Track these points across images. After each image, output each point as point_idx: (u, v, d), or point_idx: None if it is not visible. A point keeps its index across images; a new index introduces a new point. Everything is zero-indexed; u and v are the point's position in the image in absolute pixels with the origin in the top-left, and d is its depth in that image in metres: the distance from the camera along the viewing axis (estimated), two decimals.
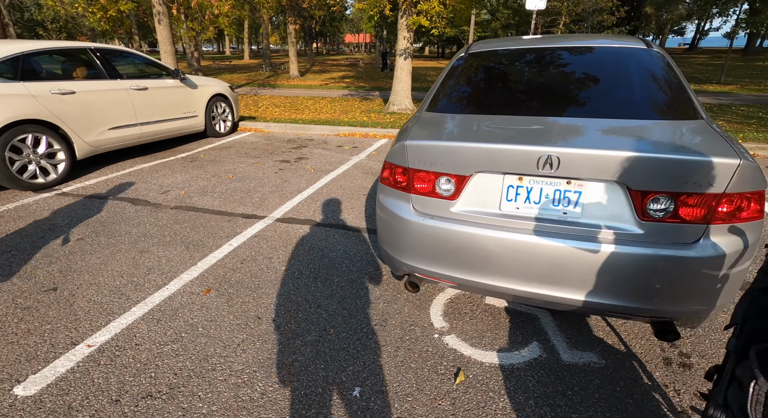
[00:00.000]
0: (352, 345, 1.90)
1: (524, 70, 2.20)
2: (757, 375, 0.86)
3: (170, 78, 5.50)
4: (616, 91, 1.91)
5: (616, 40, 2.18)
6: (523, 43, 2.35)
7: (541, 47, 2.27)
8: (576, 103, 1.88)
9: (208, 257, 2.71)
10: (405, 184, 1.77)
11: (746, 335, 0.96)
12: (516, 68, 2.24)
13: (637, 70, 1.94)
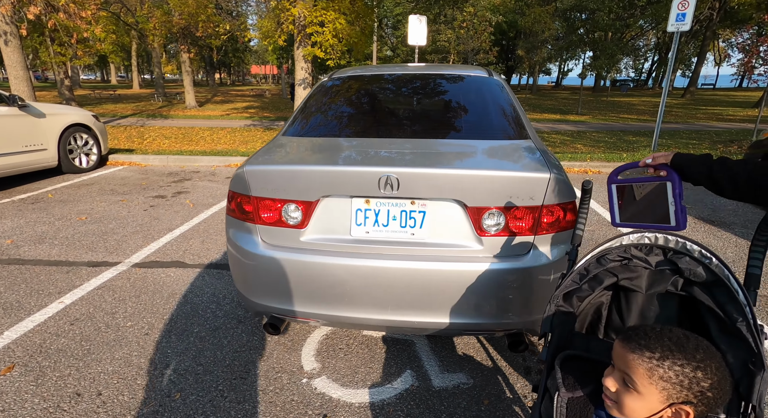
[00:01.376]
0: (200, 409, 1.59)
1: (377, 94, 2.23)
2: (559, 386, 0.85)
3: (3, 105, 4.60)
4: (457, 113, 2.01)
5: (463, 69, 2.35)
6: (384, 70, 2.40)
7: (398, 74, 2.34)
8: (420, 125, 1.93)
9: (23, 322, 2.14)
10: (251, 214, 1.59)
11: (554, 344, 0.95)
12: (370, 93, 2.27)
13: (476, 96, 2.08)
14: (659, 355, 0.68)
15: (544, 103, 22.38)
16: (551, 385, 0.88)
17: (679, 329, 0.74)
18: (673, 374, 0.68)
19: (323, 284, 1.51)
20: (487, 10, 21.46)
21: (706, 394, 0.67)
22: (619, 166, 1.07)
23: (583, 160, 5.88)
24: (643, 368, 0.69)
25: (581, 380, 0.87)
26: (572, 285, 0.97)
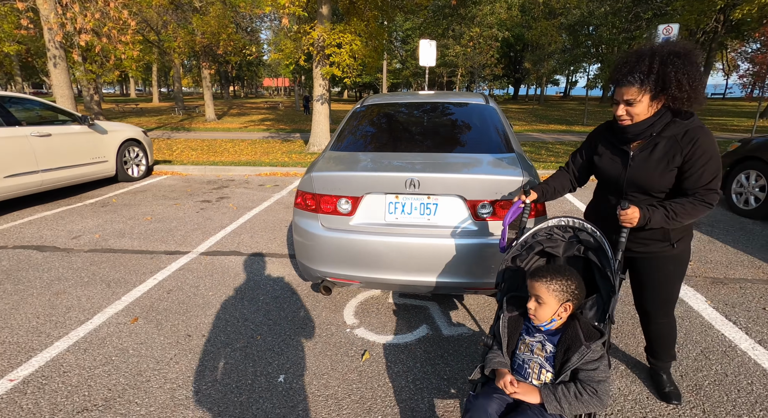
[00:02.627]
0: (276, 346, 2.24)
1: (398, 118, 2.91)
2: (504, 311, 1.46)
3: (77, 124, 5.41)
4: (460, 133, 2.68)
5: (465, 98, 3.02)
6: (402, 98, 3.09)
7: (414, 102, 3.03)
8: (432, 141, 2.59)
9: (132, 291, 2.83)
10: (314, 206, 2.26)
11: (505, 290, 1.57)
12: (396, 116, 2.95)
13: (475, 119, 2.74)
14: (549, 278, 1.28)
15: (551, 114, 22.90)
16: (500, 313, 1.49)
17: (557, 265, 1.36)
18: (558, 286, 1.26)
19: (365, 254, 2.16)
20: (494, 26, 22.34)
21: (575, 292, 1.29)
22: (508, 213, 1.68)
23: None
24: (543, 288, 1.28)
25: (516, 307, 1.43)
26: (516, 252, 1.54)
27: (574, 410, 1.18)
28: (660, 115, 1.44)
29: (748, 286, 2.84)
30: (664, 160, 1.44)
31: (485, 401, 1.28)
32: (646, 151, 1.49)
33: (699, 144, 1.40)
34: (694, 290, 2.79)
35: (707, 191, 1.41)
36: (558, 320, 1.29)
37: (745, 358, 2.08)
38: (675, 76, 1.33)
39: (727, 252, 3.43)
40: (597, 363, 1.22)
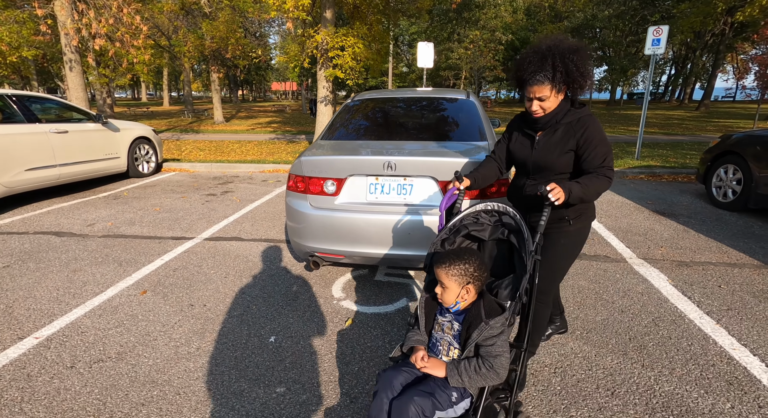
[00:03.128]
0: (269, 314, 2.49)
1: (384, 110, 3.17)
2: (423, 293, 1.63)
3: (92, 122, 5.75)
4: (439, 124, 2.92)
5: (447, 93, 3.26)
6: (391, 93, 3.35)
7: (400, 97, 3.28)
8: (413, 131, 2.84)
9: (142, 270, 3.11)
10: (303, 188, 2.52)
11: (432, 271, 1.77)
12: (379, 110, 3.21)
13: (454, 112, 2.98)
14: (448, 264, 1.33)
15: None
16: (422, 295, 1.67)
17: (459, 248, 1.44)
18: (456, 271, 1.32)
19: (348, 231, 2.40)
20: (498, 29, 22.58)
21: (474, 274, 1.34)
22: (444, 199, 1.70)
23: None
24: (443, 273, 1.33)
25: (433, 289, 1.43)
26: (445, 235, 1.60)
27: (473, 383, 1.27)
28: (562, 105, 1.61)
29: (710, 268, 3.03)
30: (560, 143, 1.62)
31: (393, 374, 1.36)
32: (547, 136, 1.66)
33: (589, 130, 1.57)
34: (659, 271, 2.99)
35: (604, 168, 1.56)
36: (462, 301, 1.36)
37: (690, 325, 2.29)
38: (577, 70, 1.50)
39: (698, 240, 3.62)
40: (495, 339, 1.28)
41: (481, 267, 1.36)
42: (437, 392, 1.27)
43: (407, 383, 1.33)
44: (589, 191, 1.52)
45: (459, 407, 1.30)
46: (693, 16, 19.37)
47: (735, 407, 1.70)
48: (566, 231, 1.71)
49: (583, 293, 2.69)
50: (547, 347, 2.12)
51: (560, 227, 1.71)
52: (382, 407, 1.27)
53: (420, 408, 1.22)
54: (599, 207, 4.68)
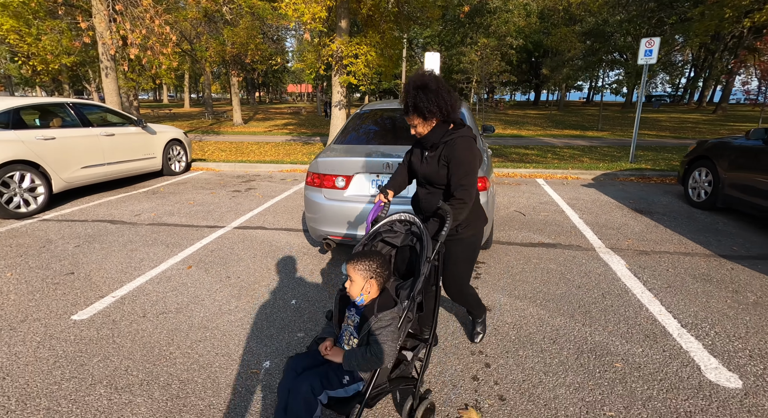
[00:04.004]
0: (291, 284, 3.10)
1: (387, 119, 3.75)
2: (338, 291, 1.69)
3: (133, 126, 6.51)
4: None
5: None
6: (390, 105, 3.93)
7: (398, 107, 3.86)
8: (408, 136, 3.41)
9: (185, 250, 3.77)
10: (319, 183, 3.12)
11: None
12: (384, 118, 3.80)
13: None
14: (356, 260, 1.52)
15: (568, 120, 23.12)
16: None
17: (367, 250, 1.60)
18: (361, 266, 1.48)
19: (355, 218, 2.99)
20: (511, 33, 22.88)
21: (377, 270, 1.51)
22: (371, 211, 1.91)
23: (565, 168, 7.13)
24: (351, 268, 1.51)
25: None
26: (365, 241, 1.74)
27: (362, 367, 1.43)
28: (438, 128, 1.80)
29: (666, 256, 3.51)
30: (439, 159, 1.82)
31: (299, 359, 1.57)
32: (432, 152, 1.87)
33: (456, 150, 1.75)
34: (620, 258, 3.49)
35: (458, 186, 1.73)
36: (366, 294, 1.52)
37: (632, 298, 2.80)
38: (424, 106, 1.72)
39: (665, 233, 4.08)
40: (382, 330, 1.42)
41: (383, 265, 1.54)
42: (329, 374, 1.47)
43: (309, 367, 1.53)
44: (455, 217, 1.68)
45: (350, 388, 1.48)
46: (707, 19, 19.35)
47: (645, 350, 2.22)
48: (458, 238, 1.91)
49: (550, 274, 3.21)
50: (510, 311, 2.66)
51: (454, 236, 1.90)
52: (286, 385, 1.48)
53: (310, 386, 1.42)
54: (581, 204, 5.16)
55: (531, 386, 1.98)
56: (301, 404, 1.40)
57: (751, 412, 1.80)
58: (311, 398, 1.41)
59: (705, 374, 2.03)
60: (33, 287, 3.04)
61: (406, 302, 1.53)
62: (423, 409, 1.66)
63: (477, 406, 1.87)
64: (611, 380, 2.01)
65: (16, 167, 4.72)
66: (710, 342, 2.29)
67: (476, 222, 1.96)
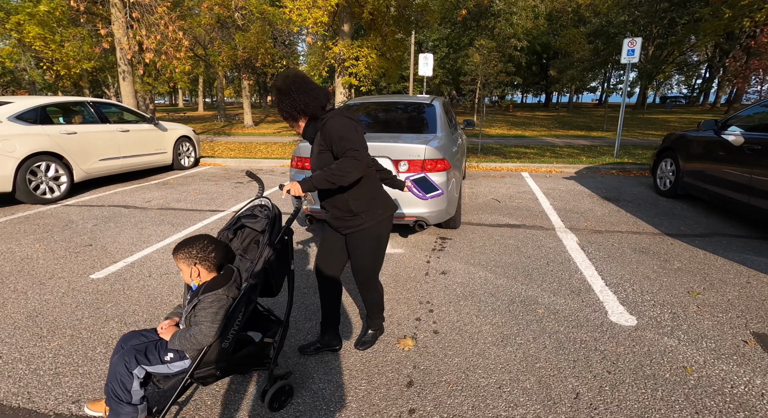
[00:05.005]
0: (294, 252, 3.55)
1: (368, 111, 4.20)
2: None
3: (146, 123, 7.09)
4: (405, 120, 3.92)
5: (417, 99, 4.26)
6: (374, 99, 4.38)
7: (380, 101, 4.31)
8: (384, 125, 3.86)
9: (188, 228, 4.27)
10: (300, 165, 3.58)
11: None
12: (363, 110, 4.24)
13: (419, 113, 3.98)
14: (175, 250, 1.55)
15: (575, 121, 23.21)
16: None
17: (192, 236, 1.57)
18: (181, 255, 1.53)
19: None
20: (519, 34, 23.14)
21: (198, 255, 1.53)
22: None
23: (549, 162, 7.47)
24: (176, 258, 1.55)
25: None
26: (225, 227, 1.82)
27: (184, 346, 1.49)
28: (311, 123, 1.86)
29: (616, 234, 3.86)
30: (318, 144, 1.84)
31: (130, 335, 1.65)
32: (315, 142, 1.89)
33: (328, 128, 1.75)
34: (574, 235, 3.85)
35: (347, 151, 1.71)
36: (196, 280, 1.56)
37: (572, 264, 3.17)
38: (284, 108, 1.78)
39: (624, 217, 4.42)
40: (201, 311, 1.46)
41: (205, 249, 1.55)
42: (150, 351, 1.53)
43: (137, 343, 1.59)
44: (334, 174, 1.66)
45: (174, 365, 1.53)
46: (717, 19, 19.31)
47: (566, 301, 2.60)
48: (363, 229, 1.90)
49: (507, 247, 3.60)
50: (462, 274, 3.06)
51: (360, 225, 1.90)
52: (113, 359, 1.55)
53: (125, 361, 1.49)
54: (556, 193, 5.51)
55: (462, 325, 2.39)
56: (116, 377, 1.49)
57: (634, 340, 2.17)
58: (125, 372, 1.49)
59: (609, 317, 2.41)
60: (58, 254, 3.56)
61: (245, 285, 1.56)
62: (274, 390, 1.70)
63: (414, 337, 2.28)
64: (530, 320, 2.40)
65: (42, 158, 5.30)
66: (624, 296, 2.66)
67: (376, 210, 1.92)
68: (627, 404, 1.74)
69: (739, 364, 1.99)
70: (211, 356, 1.51)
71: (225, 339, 1.52)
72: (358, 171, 1.71)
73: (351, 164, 1.68)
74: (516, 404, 1.77)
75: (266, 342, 1.73)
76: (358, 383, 1.92)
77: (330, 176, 1.67)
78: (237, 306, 1.53)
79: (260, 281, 1.59)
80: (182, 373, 1.52)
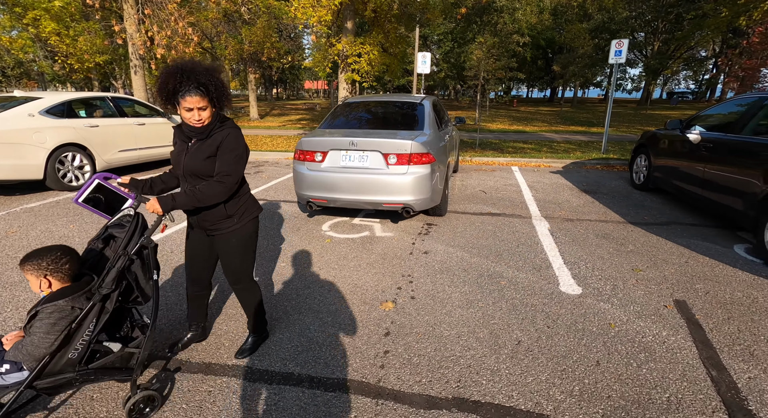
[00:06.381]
0: (281, 236, 4.03)
1: (362, 109, 4.64)
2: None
3: (160, 117, 7.58)
4: (395, 118, 4.36)
5: (407, 98, 4.69)
6: (370, 98, 4.81)
7: (375, 100, 4.74)
8: (377, 123, 4.30)
9: None
10: (302, 157, 4.04)
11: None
12: (359, 108, 4.69)
13: (409, 110, 4.41)
14: (22, 262, 1.49)
15: (578, 116, 23.39)
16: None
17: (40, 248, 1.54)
18: (29, 267, 1.48)
19: (330, 184, 3.89)
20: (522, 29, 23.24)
21: (49, 267, 1.50)
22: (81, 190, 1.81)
23: (539, 158, 7.87)
24: (23, 269, 1.50)
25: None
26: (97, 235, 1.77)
27: (17, 357, 1.45)
28: (215, 117, 1.79)
29: (585, 222, 4.29)
30: (207, 150, 1.77)
31: None
32: (199, 143, 1.80)
33: (227, 139, 1.76)
34: (547, 222, 4.29)
35: (221, 175, 1.74)
36: (47, 290, 1.52)
37: (539, 246, 3.61)
38: (223, 86, 1.73)
39: (596, 207, 4.84)
40: (38, 322, 1.42)
41: (58, 261, 1.51)
42: None
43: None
44: (199, 197, 1.71)
45: (9, 377, 1.48)
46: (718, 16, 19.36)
47: (526, 275, 3.05)
48: (234, 229, 1.91)
49: (485, 232, 4.04)
50: (442, 254, 3.52)
51: (230, 226, 1.90)
52: None
53: None
54: (539, 186, 5.93)
55: (436, 292, 2.85)
56: None
57: (575, 304, 2.63)
58: None
59: (560, 288, 2.86)
60: (90, 234, 4.06)
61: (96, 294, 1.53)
62: (136, 399, 1.69)
63: (394, 301, 2.75)
64: (492, 289, 2.86)
65: (68, 149, 5.81)
66: (577, 272, 3.10)
67: (250, 212, 1.97)
68: (556, 349, 2.20)
69: (654, 322, 2.44)
70: (55, 366, 1.50)
71: (73, 349, 1.51)
72: (223, 197, 1.79)
73: (219, 190, 1.75)
74: (469, 348, 2.23)
75: (129, 352, 1.71)
76: (346, 333, 2.40)
77: (194, 201, 1.72)
78: (86, 316, 1.50)
79: (114, 291, 1.58)
80: (18, 385, 1.47)
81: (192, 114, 1.71)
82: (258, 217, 2.05)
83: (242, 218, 1.93)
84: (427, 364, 2.11)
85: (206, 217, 1.89)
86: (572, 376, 2.00)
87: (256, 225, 2.03)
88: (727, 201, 3.59)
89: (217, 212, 1.87)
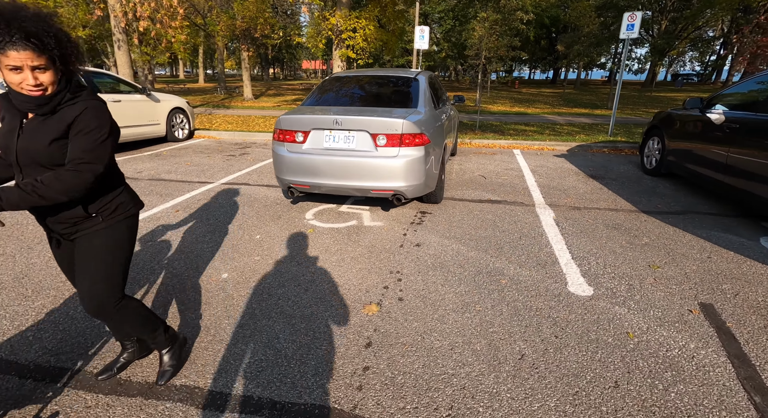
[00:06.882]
0: (259, 225, 3.65)
1: (351, 84, 4.18)
2: None
3: (138, 94, 7.06)
4: (387, 94, 3.91)
5: (401, 72, 4.22)
6: (357, 73, 4.34)
7: (363, 75, 4.27)
8: (366, 98, 3.86)
9: (176, 199, 4.36)
10: (282, 138, 3.61)
11: None
12: (347, 83, 4.23)
13: (402, 86, 3.96)
14: None
15: (581, 98, 22.75)
16: None
17: None
18: None
19: (312, 168, 3.49)
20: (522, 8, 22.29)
21: None
22: None
23: (542, 140, 7.43)
24: None
25: None
26: None
27: None
28: (63, 84, 1.30)
29: (593, 211, 3.92)
30: (52, 131, 1.30)
31: None
32: (38, 119, 1.33)
33: (85, 115, 1.31)
34: (552, 211, 3.92)
35: (76, 162, 1.29)
36: None
37: (544, 239, 3.25)
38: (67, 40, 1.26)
39: (605, 194, 4.46)
40: None
41: None
42: None
43: None
44: (39, 194, 1.25)
45: None
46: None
47: (530, 273, 2.70)
48: (98, 231, 1.47)
49: (484, 222, 3.67)
50: (436, 247, 3.15)
51: (92, 226, 1.47)
52: None
53: None
54: (543, 171, 5.53)
55: (427, 293, 2.50)
56: None
57: (586, 309, 2.28)
58: None
59: (568, 288, 2.51)
60: None
61: None
62: None
63: (379, 303, 2.40)
64: (492, 290, 2.51)
65: None
66: (587, 269, 2.75)
67: (120, 209, 1.52)
68: (566, 366, 1.86)
69: (678, 330, 2.10)
70: None
71: None
72: (78, 193, 1.32)
73: (73, 183, 1.29)
74: (464, 363, 1.89)
75: None
76: (320, 344, 2.05)
77: (34, 197, 1.24)
78: None
79: None
80: None
81: (23, 76, 1.21)
82: (136, 215, 1.58)
83: (111, 216, 1.49)
84: (413, 384, 1.77)
85: (58, 218, 1.43)
86: (587, 402, 1.66)
87: (131, 227, 1.56)
88: (755, 188, 3.22)
89: (72, 212, 1.42)
